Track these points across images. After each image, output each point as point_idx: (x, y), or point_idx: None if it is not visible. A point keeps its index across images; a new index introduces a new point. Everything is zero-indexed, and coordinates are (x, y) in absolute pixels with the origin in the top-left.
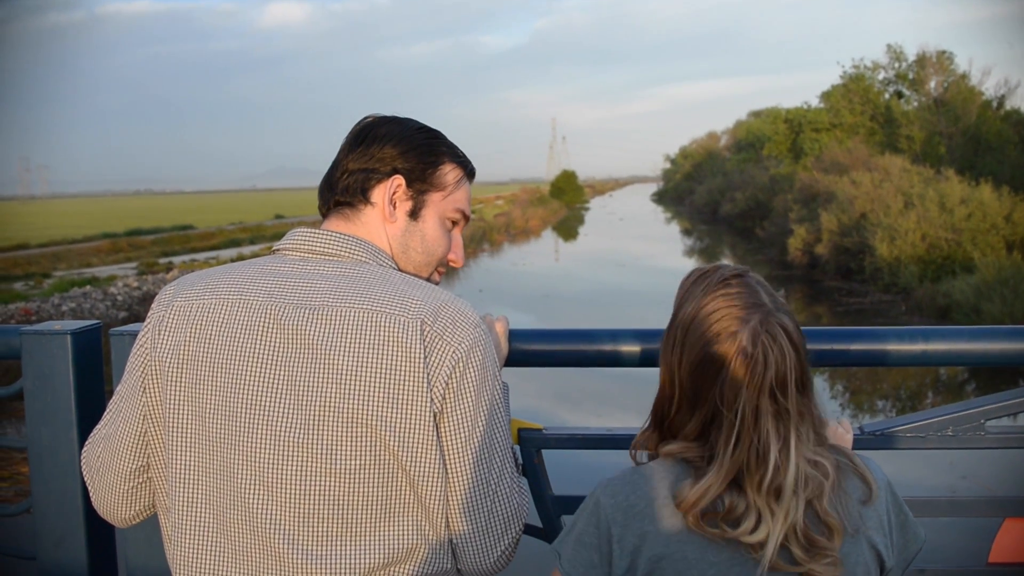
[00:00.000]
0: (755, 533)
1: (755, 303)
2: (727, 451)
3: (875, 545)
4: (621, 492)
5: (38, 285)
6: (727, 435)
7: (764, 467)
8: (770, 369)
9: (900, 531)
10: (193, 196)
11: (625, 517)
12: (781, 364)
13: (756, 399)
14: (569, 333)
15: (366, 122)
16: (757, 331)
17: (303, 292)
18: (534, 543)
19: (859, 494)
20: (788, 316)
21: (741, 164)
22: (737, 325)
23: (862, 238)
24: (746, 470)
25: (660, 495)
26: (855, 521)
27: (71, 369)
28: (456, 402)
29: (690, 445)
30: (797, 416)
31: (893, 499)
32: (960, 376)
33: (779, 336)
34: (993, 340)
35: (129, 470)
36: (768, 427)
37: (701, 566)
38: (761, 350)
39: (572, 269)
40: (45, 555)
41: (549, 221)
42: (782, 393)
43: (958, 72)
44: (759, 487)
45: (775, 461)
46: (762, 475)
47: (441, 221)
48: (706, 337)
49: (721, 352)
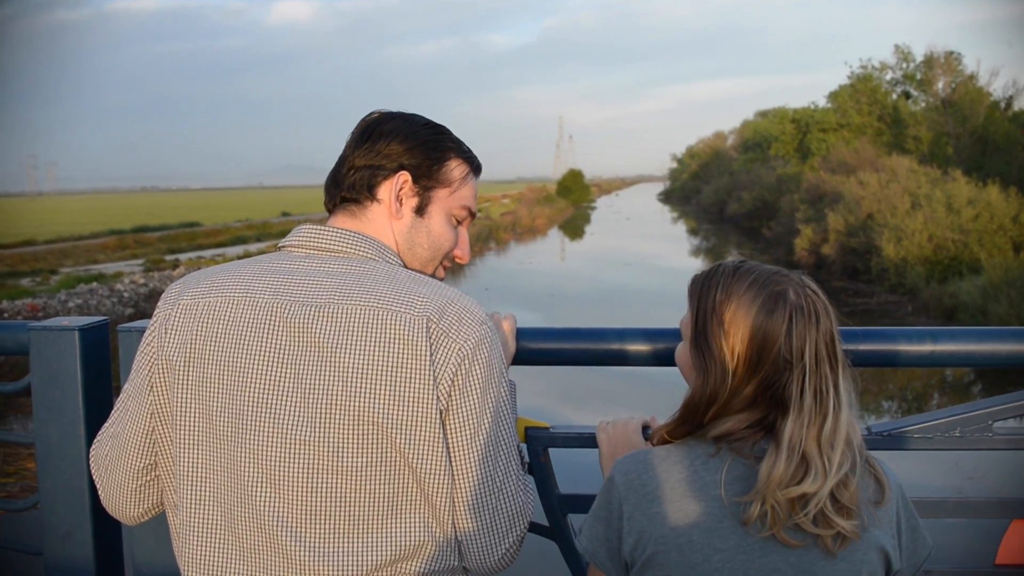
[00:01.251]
0: (813, 483)
1: (778, 271)
2: (802, 398)
3: (883, 546)
4: (634, 471)
5: (45, 281)
6: (799, 383)
7: (825, 415)
8: (822, 317)
9: (910, 535)
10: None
11: (637, 497)
12: (825, 317)
13: (816, 345)
14: (576, 332)
15: (372, 118)
16: (799, 288)
17: (309, 290)
18: (540, 542)
19: (871, 493)
20: (811, 280)
21: (748, 164)
22: (779, 286)
23: (869, 238)
24: (811, 420)
25: (672, 477)
26: (864, 520)
27: (79, 365)
28: (462, 399)
29: (742, 417)
30: (843, 371)
31: (904, 502)
32: (967, 377)
33: (817, 290)
34: (1002, 341)
35: (137, 468)
36: (827, 372)
37: (706, 551)
38: (808, 302)
39: (578, 268)
40: (52, 550)
41: (555, 220)
42: (831, 345)
43: (966, 73)
44: (819, 436)
45: (833, 408)
46: (822, 422)
47: (448, 218)
48: (754, 305)
49: (776, 310)
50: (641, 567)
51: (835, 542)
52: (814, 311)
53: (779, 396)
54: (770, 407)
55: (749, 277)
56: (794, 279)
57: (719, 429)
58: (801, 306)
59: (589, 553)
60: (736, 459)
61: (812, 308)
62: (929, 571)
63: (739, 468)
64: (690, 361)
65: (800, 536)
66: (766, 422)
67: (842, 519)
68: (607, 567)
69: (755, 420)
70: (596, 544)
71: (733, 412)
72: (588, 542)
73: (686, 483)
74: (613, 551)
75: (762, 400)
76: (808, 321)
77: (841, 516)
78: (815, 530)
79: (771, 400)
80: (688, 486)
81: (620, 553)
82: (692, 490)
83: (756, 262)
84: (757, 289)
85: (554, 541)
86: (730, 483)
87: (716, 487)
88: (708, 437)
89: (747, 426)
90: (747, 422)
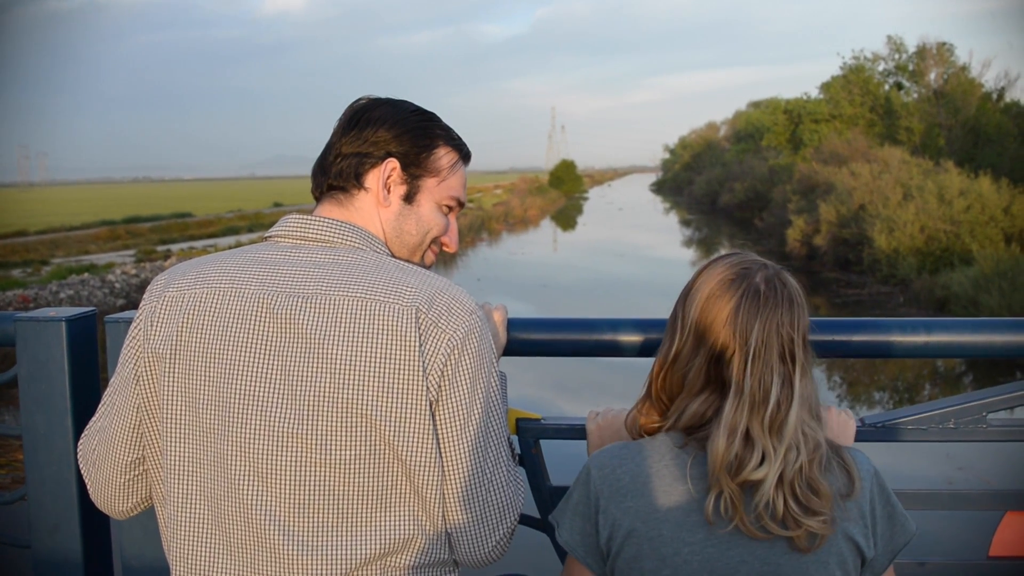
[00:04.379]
0: (758, 469)
1: (759, 260)
2: (743, 381)
3: (852, 537)
4: (609, 465)
5: (36, 272)
6: (740, 366)
7: (767, 401)
8: (780, 307)
9: (887, 522)
10: (192, 184)
11: (611, 490)
12: (788, 310)
13: (765, 332)
14: (568, 322)
15: (360, 104)
16: (768, 274)
17: (296, 280)
18: (531, 534)
19: (840, 487)
20: (791, 277)
21: (740, 155)
22: (748, 269)
23: (861, 229)
24: (752, 405)
25: (645, 471)
26: (833, 513)
27: (66, 356)
28: (451, 390)
29: (702, 399)
30: (800, 368)
31: (880, 490)
32: (958, 368)
33: (789, 284)
34: (995, 332)
35: (125, 463)
36: (774, 362)
37: (675, 544)
38: (771, 290)
39: (570, 258)
40: (40, 543)
41: (548, 210)
42: (788, 338)
43: (958, 64)
44: (762, 422)
45: (777, 397)
46: (765, 409)
47: (436, 205)
48: (715, 280)
49: (730, 288)
50: (615, 557)
51: (809, 541)
52: (773, 300)
53: (722, 377)
54: (716, 389)
55: (730, 259)
56: (769, 268)
57: (686, 416)
58: (759, 291)
59: (569, 547)
60: (700, 454)
61: (772, 296)
62: (923, 563)
63: (703, 463)
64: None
65: (765, 531)
66: (715, 408)
67: (810, 518)
68: (587, 562)
69: (713, 402)
70: (575, 538)
71: (692, 392)
72: (568, 535)
73: (658, 477)
74: (591, 544)
75: (712, 380)
76: (762, 307)
77: (809, 516)
78: (784, 532)
79: (719, 379)
80: (659, 480)
81: (598, 545)
82: (663, 484)
83: (752, 253)
84: (726, 268)
85: (545, 533)
86: (696, 477)
87: (685, 481)
88: (679, 427)
89: (708, 409)
90: (707, 404)
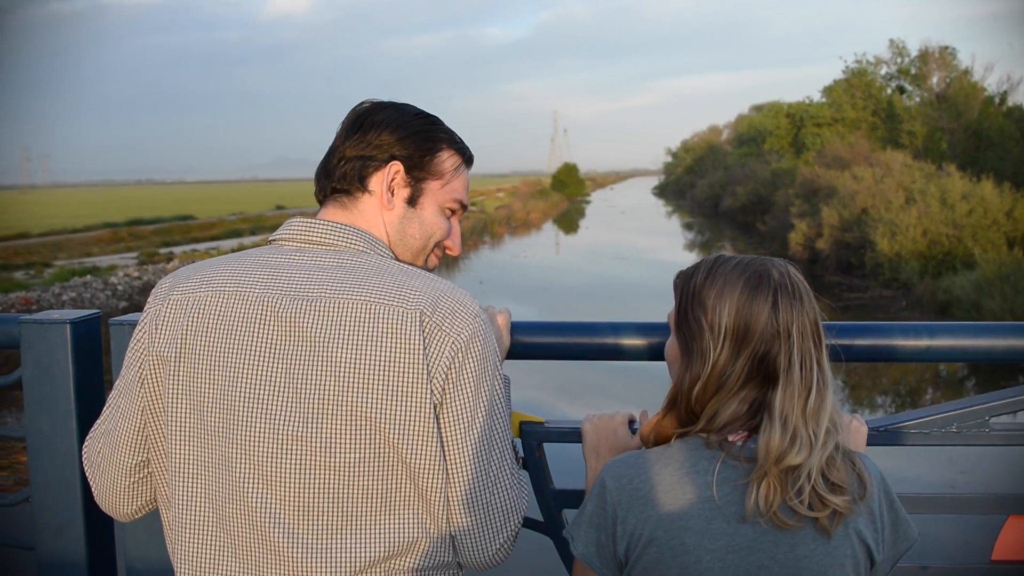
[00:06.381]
0: (799, 453)
1: (760, 257)
2: (790, 369)
3: (865, 539)
4: (626, 475)
5: (39, 274)
6: (787, 355)
7: (810, 388)
8: (805, 297)
9: (891, 527)
10: (194, 186)
11: (629, 501)
12: (808, 298)
13: (801, 321)
14: (571, 326)
15: (363, 108)
16: (781, 270)
17: (300, 284)
18: (535, 537)
19: (853, 489)
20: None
21: (742, 158)
22: (762, 267)
23: (863, 233)
24: (799, 392)
25: (664, 480)
26: (855, 495)
27: (70, 358)
28: (455, 393)
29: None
30: (825, 351)
31: (886, 495)
32: (960, 372)
33: (801, 277)
34: (998, 336)
35: (130, 465)
36: (811, 348)
37: (697, 552)
38: (791, 282)
39: (573, 262)
40: (44, 545)
41: (550, 214)
42: (814, 323)
43: (960, 68)
44: (805, 407)
45: (817, 381)
46: (807, 394)
47: (440, 208)
48: (739, 283)
49: (760, 286)
50: (633, 566)
51: (831, 521)
52: (797, 291)
53: (769, 369)
54: (763, 382)
55: (732, 262)
56: (776, 263)
57: (722, 417)
58: (785, 284)
59: (585, 559)
60: (726, 460)
61: (795, 288)
62: (926, 567)
63: (728, 470)
64: (677, 351)
65: (796, 517)
66: (757, 403)
67: (835, 496)
68: (604, 573)
69: (753, 398)
70: (591, 550)
71: (730, 392)
72: (584, 548)
73: (678, 484)
74: (607, 556)
75: (756, 374)
76: (793, 298)
77: (834, 494)
78: (811, 513)
79: (763, 374)
80: (680, 487)
81: (615, 556)
82: (684, 491)
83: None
84: (741, 270)
85: (549, 536)
86: (722, 481)
87: (707, 488)
88: (712, 429)
89: (748, 407)
90: (748, 401)
